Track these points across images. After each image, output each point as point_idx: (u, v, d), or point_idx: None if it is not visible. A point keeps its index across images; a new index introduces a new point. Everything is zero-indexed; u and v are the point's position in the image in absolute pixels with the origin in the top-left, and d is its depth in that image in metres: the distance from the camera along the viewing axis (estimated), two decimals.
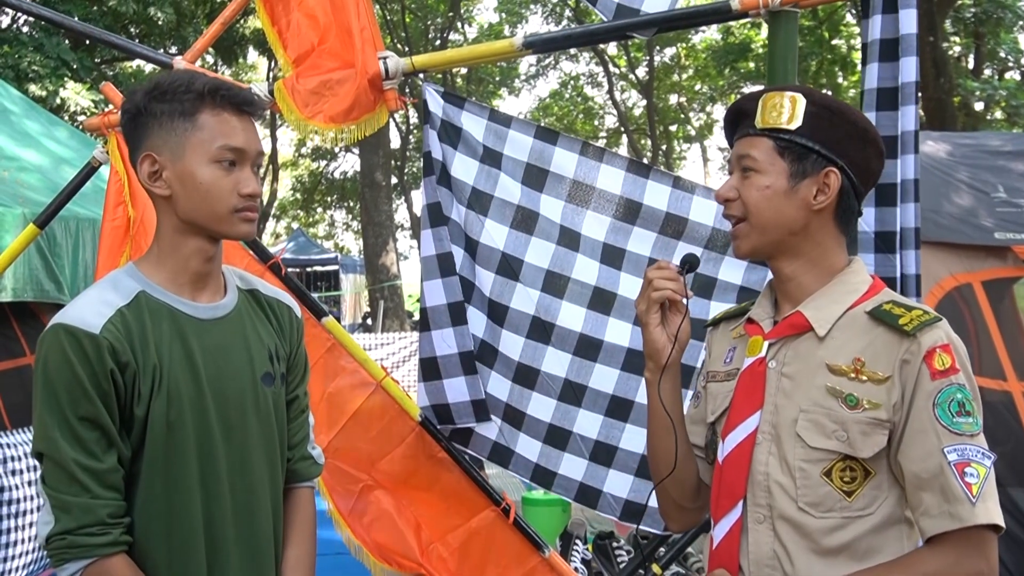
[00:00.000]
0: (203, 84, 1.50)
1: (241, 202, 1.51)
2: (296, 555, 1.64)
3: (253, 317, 1.63)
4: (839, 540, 1.44)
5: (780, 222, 1.50)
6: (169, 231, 1.54)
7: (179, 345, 1.49)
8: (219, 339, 1.55)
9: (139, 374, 1.45)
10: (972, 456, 1.37)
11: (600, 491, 2.35)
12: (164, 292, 1.52)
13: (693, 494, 1.71)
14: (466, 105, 2.27)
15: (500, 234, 2.25)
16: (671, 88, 23.99)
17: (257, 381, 1.58)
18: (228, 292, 1.61)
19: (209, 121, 1.49)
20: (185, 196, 1.49)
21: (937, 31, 11.06)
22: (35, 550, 4.25)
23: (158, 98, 1.50)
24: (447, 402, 2.33)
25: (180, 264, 1.54)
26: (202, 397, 1.50)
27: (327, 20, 2.20)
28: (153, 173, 1.50)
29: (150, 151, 1.50)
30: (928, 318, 1.43)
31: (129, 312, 1.46)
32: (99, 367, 1.40)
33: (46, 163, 5.42)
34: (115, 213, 2.23)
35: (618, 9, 2.19)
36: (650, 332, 1.62)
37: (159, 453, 1.46)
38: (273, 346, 1.64)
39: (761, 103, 1.53)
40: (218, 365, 1.53)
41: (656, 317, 1.61)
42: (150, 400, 1.45)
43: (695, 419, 1.71)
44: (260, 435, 1.58)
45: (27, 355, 5.38)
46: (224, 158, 1.49)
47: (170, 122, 1.49)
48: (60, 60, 10.64)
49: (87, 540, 1.40)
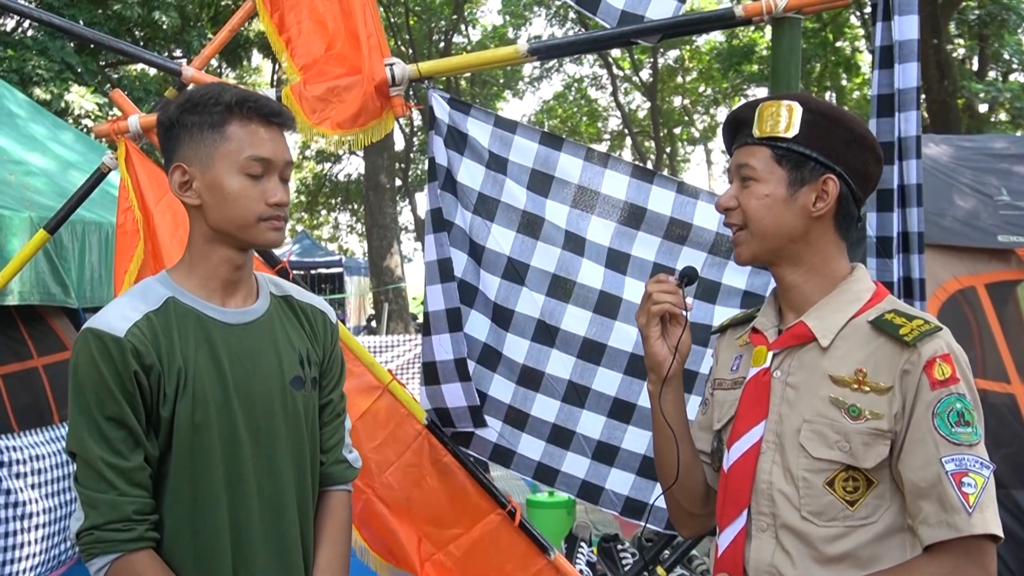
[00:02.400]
0: (232, 96, 1.54)
1: (268, 211, 1.54)
2: (328, 557, 1.66)
3: (285, 322, 1.66)
4: (841, 548, 1.45)
5: (780, 230, 1.51)
6: (199, 239, 1.58)
7: (205, 348, 1.53)
8: (248, 343, 1.58)
9: (164, 376, 1.48)
10: (970, 466, 1.38)
11: (602, 488, 2.38)
12: (193, 298, 1.56)
13: (702, 500, 1.72)
14: (472, 111, 2.28)
15: (506, 239, 2.27)
16: (675, 90, 23.97)
17: (286, 385, 1.61)
18: (260, 298, 1.65)
19: (237, 132, 1.53)
20: (214, 205, 1.53)
21: (941, 33, 11.05)
22: (42, 552, 4.27)
23: (189, 110, 1.54)
24: (447, 406, 2.35)
25: (210, 272, 1.58)
26: (228, 399, 1.53)
27: (335, 26, 2.22)
28: (184, 183, 1.55)
29: (181, 162, 1.54)
30: (928, 328, 1.44)
31: (156, 317, 1.51)
32: (123, 369, 1.45)
33: (52, 167, 5.44)
34: (123, 219, 2.25)
35: (622, 16, 2.21)
36: (651, 345, 1.64)
37: (185, 454, 1.50)
38: (305, 350, 1.66)
39: (758, 112, 1.54)
40: (246, 368, 1.56)
41: (656, 330, 1.64)
42: (175, 402, 1.49)
43: (703, 426, 1.72)
44: (288, 438, 1.60)
45: (34, 358, 5.39)
46: (251, 168, 1.53)
47: (200, 133, 1.53)
48: (64, 64, 10.66)
49: (113, 536, 1.44)
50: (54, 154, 5.71)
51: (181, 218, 2.29)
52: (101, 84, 12.26)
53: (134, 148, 2.33)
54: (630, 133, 24.25)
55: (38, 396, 5.37)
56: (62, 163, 5.63)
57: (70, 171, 5.55)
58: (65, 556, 4.53)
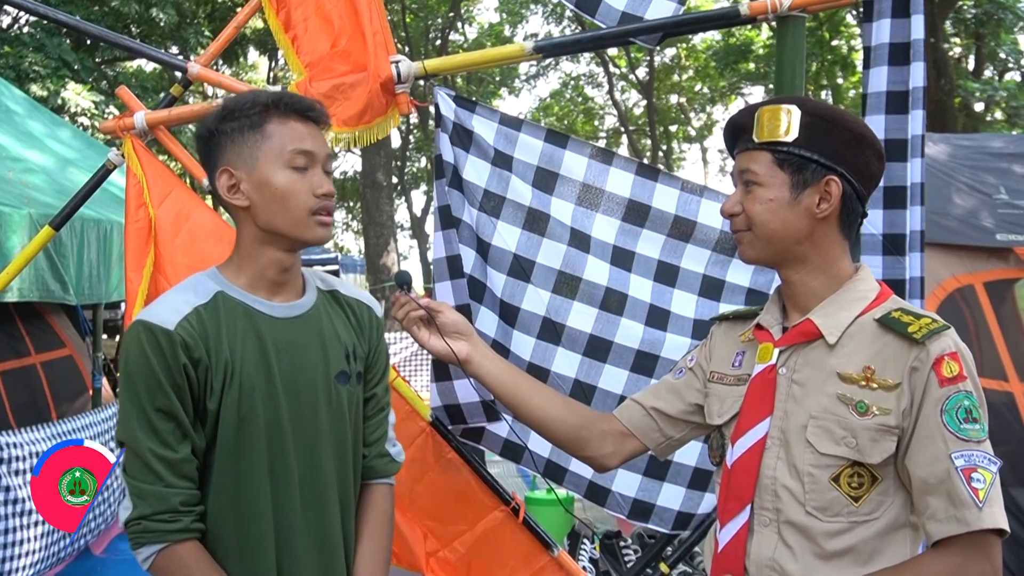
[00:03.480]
0: (267, 96, 1.58)
1: (317, 203, 1.57)
2: (370, 549, 1.68)
3: (332, 316, 1.69)
4: (843, 544, 1.47)
5: (785, 232, 1.53)
6: (249, 241, 1.60)
7: (253, 341, 1.56)
8: (294, 336, 1.60)
9: (211, 369, 1.51)
10: (979, 462, 1.40)
11: (609, 489, 2.38)
12: (242, 292, 1.59)
13: (611, 443, 1.82)
14: (477, 109, 2.28)
15: (512, 236, 2.27)
16: (671, 88, 24.00)
17: (331, 379, 1.63)
18: (307, 293, 1.67)
19: (277, 129, 1.56)
20: (263, 204, 1.56)
21: (938, 32, 11.08)
22: (41, 549, 4.26)
23: (227, 118, 1.57)
24: (458, 402, 2.35)
25: (258, 272, 1.60)
26: (274, 392, 1.55)
27: (341, 24, 2.21)
28: (231, 186, 1.57)
29: (226, 166, 1.57)
30: (937, 326, 1.45)
31: (206, 311, 1.53)
32: (173, 362, 1.48)
33: (51, 164, 5.43)
34: (137, 215, 2.25)
35: (622, 18, 2.21)
36: (427, 346, 1.90)
37: (231, 445, 1.52)
38: (351, 345, 1.69)
39: (757, 117, 1.56)
40: (292, 362, 1.58)
41: (424, 333, 1.89)
42: (222, 394, 1.52)
43: (673, 389, 1.78)
44: (331, 431, 1.62)
45: (32, 355, 5.39)
46: (296, 162, 1.56)
47: (240, 136, 1.56)
48: (61, 60, 10.63)
49: (160, 526, 1.47)
50: (52, 151, 5.70)
51: (184, 218, 2.29)
52: (97, 81, 12.24)
53: (140, 145, 2.33)
54: (626, 131, 24.26)
55: (36, 393, 5.37)
56: (60, 160, 5.62)
57: (68, 168, 5.54)
58: (64, 553, 4.53)
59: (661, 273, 2.27)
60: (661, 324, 2.27)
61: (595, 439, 1.80)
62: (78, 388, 5.78)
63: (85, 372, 5.86)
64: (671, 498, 2.35)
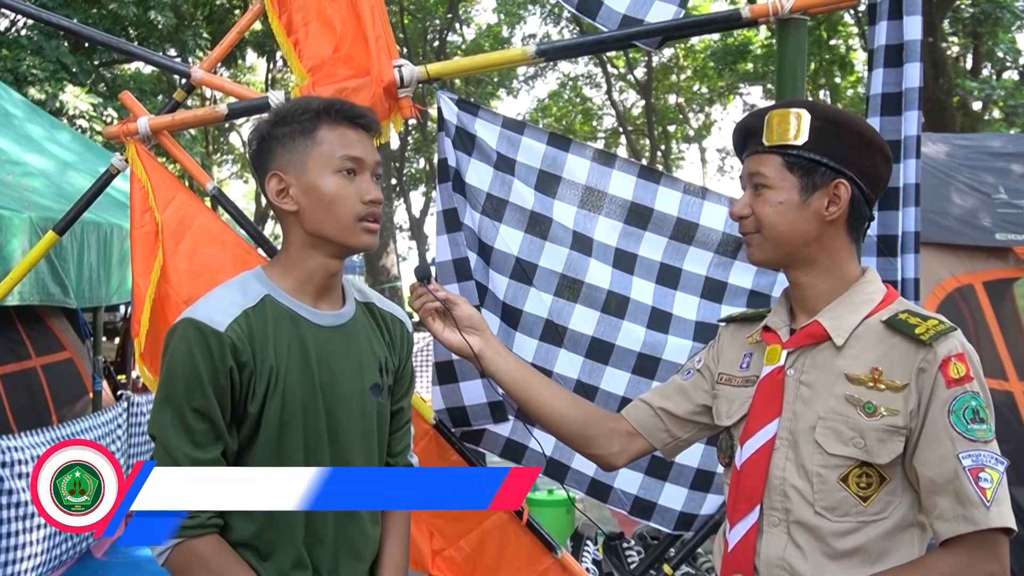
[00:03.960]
0: (319, 103, 1.60)
1: (365, 209, 1.59)
2: (391, 553, 1.73)
3: (368, 329, 1.71)
4: (852, 543, 1.48)
5: (795, 235, 1.55)
6: (296, 245, 1.62)
7: (297, 348, 1.57)
8: (335, 346, 1.63)
9: (256, 373, 1.53)
10: (986, 462, 1.42)
11: (611, 487, 2.39)
12: (288, 298, 1.60)
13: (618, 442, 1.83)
14: (480, 112, 2.29)
15: (514, 239, 2.28)
16: (669, 89, 23.99)
17: (365, 390, 1.65)
18: (347, 303, 1.69)
19: (328, 135, 1.59)
20: (311, 208, 1.58)
21: (935, 31, 11.10)
22: (44, 552, 4.26)
23: (279, 123, 1.60)
24: (463, 404, 2.35)
25: (305, 276, 1.62)
26: (315, 399, 1.58)
27: (344, 28, 2.22)
28: (280, 191, 1.59)
29: (276, 170, 1.60)
30: (944, 328, 1.47)
31: (254, 314, 1.55)
32: (220, 363, 1.49)
33: (51, 168, 5.44)
34: (143, 220, 2.25)
35: (623, 21, 2.21)
36: (442, 339, 1.90)
37: (271, 449, 1.54)
38: (384, 358, 1.71)
39: (767, 121, 1.57)
40: (331, 371, 1.61)
41: (439, 325, 1.89)
42: (264, 399, 1.53)
43: (681, 390, 1.79)
44: (362, 440, 1.65)
45: (32, 358, 5.39)
46: (345, 167, 1.58)
47: (291, 142, 1.59)
48: (59, 63, 10.64)
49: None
50: (52, 154, 5.71)
51: (188, 223, 2.29)
52: (96, 84, 12.23)
53: (144, 150, 2.33)
54: (625, 132, 24.26)
55: (36, 396, 5.38)
56: (60, 163, 5.63)
57: (68, 171, 5.54)
58: (66, 556, 4.53)
59: (663, 275, 2.28)
60: (663, 327, 2.28)
61: (602, 437, 1.82)
62: (78, 391, 5.79)
63: (85, 375, 5.86)
64: (673, 498, 2.37)
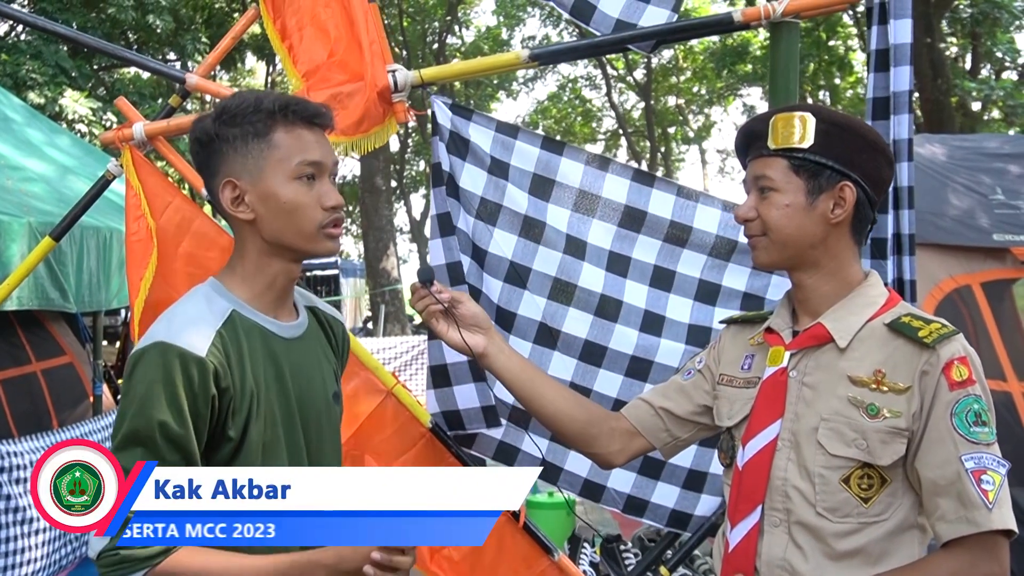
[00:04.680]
0: (272, 102, 1.49)
1: (326, 216, 1.51)
2: None
3: (319, 336, 1.66)
4: (853, 544, 1.49)
5: (801, 237, 1.56)
6: (254, 254, 1.53)
7: (271, 365, 1.51)
8: (301, 358, 1.57)
9: (236, 397, 1.44)
10: (988, 464, 1.43)
11: (604, 486, 2.41)
12: (253, 311, 1.52)
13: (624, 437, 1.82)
14: (474, 117, 2.30)
15: (508, 243, 2.28)
16: (669, 90, 24.02)
17: (329, 399, 1.61)
18: (300, 310, 1.63)
19: (284, 139, 1.48)
20: (270, 217, 1.49)
21: (934, 32, 11.10)
22: (43, 557, 4.27)
23: (228, 122, 1.49)
24: (457, 408, 2.36)
25: (267, 284, 1.54)
26: (291, 416, 1.52)
27: (338, 33, 2.23)
28: (235, 199, 1.50)
29: (229, 177, 1.49)
30: (947, 331, 1.48)
31: (226, 332, 1.46)
32: (202, 391, 1.39)
33: (50, 172, 5.44)
34: (136, 226, 2.26)
35: (617, 25, 2.22)
36: (447, 339, 1.84)
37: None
38: (335, 364, 1.67)
39: (772, 124, 1.58)
40: (300, 384, 1.55)
41: (443, 326, 1.83)
42: (246, 422, 1.45)
43: (681, 390, 1.79)
44: (331, 451, 1.62)
45: (32, 363, 5.40)
46: (304, 173, 1.49)
47: (244, 145, 1.48)
48: (58, 67, 10.66)
49: (138, 552, 1.37)
50: (51, 159, 5.71)
51: (185, 228, 2.30)
52: (95, 88, 12.26)
53: (139, 156, 2.34)
54: (624, 133, 24.29)
55: (36, 401, 5.38)
56: (60, 168, 5.63)
57: (68, 176, 5.54)
58: (65, 561, 4.54)
59: (656, 278, 2.29)
60: (655, 330, 2.29)
61: (603, 436, 1.82)
62: (79, 395, 5.79)
63: (86, 379, 5.87)
64: (665, 496, 2.39)
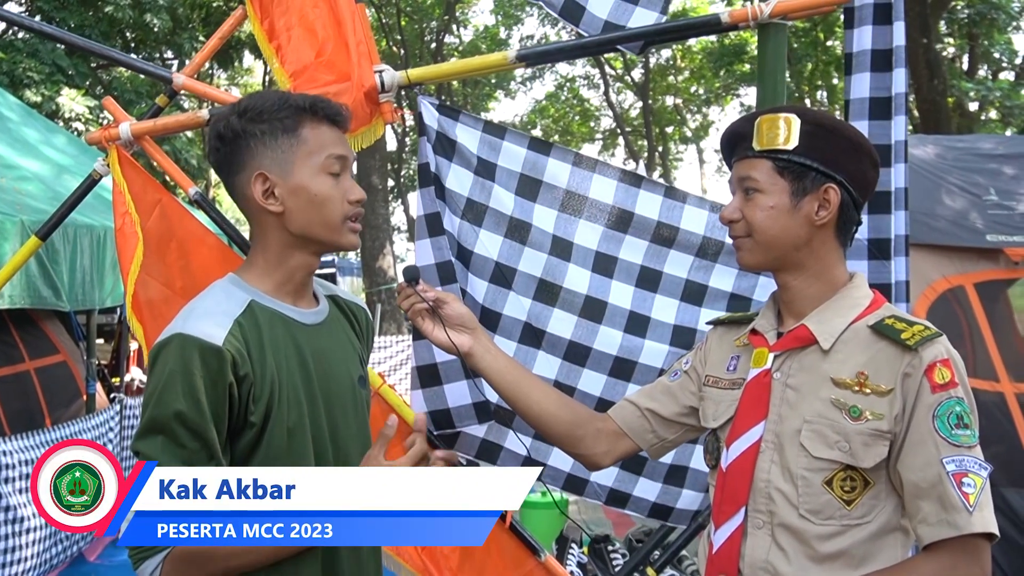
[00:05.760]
0: (300, 100, 1.56)
1: (351, 209, 1.57)
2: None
3: (342, 322, 1.70)
4: (836, 547, 1.49)
5: (785, 239, 1.56)
6: (278, 246, 1.57)
7: (293, 351, 1.54)
8: (323, 343, 1.60)
9: (256, 384, 1.47)
10: (969, 467, 1.42)
11: (587, 480, 2.42)
12: (272, 300, 1.56)
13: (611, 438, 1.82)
14: (460, 117, 2.29)
15: (494, 244, 2.28)
16: (667, 89, 24.02)
17: (354, 384, 1.65)
18: (320, 299, 1.68)
19: (312, 134, 1.54)
20: (299, 210, 1.54)
21: (931, 32, 11.10)
22: (35, 556, 4.26)
23: (255, 119, 1.53)
24: (447, 407, 2.36)
25: (287, 276, 1.58)
26: (314, 400, 1.55)
27: (325, 33, 2.23)
28: (266, 191, 1.54)
29: (261, 170, 1.53)
30: (929, 333, 1.48)
31: (245, 322, 1.49)
32: (220, 380, 1.42)
33: (45, 171, 5.44)
34: (122, 221, 2.27)
35: (605, 26, 2.22)
36: (433, 338, 1.85)
37: (282, 457, 1.49)
38: (360, 350, 1.71)
39: (756, 126, 1.58)
40: (324, 369, 1.58)
41: (429, 325, 1.84)
42: (268, 408, 1.48)
43: (668, 391, 1.80)
44: (357, 436, 1.63)
45: (26, 361, 5.40)
46: (332, 167, 1.54)
47: (273, 140, 1.53)
48: (55, 66, 10.65)
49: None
50: (47, 158, 5.72)
51: (175, 227, 2.31)
52: (92, 86, 12.24)
53: (125, 156, 2.34)
54: (622, 133, 24.29)
55: (30, 399, 5.38)
56: (55, 167, 5.64)
57: (63, 175, 5.55)
58: (58, 560, 4.54)
59: (643, 278, 2.29)
60: (640, 331, 2.29)
61: (589, 437, 1.82)
62: (72, 394, 5.80)
63: (79, 378, 5.87)
64: (647, 490, 2.41)
